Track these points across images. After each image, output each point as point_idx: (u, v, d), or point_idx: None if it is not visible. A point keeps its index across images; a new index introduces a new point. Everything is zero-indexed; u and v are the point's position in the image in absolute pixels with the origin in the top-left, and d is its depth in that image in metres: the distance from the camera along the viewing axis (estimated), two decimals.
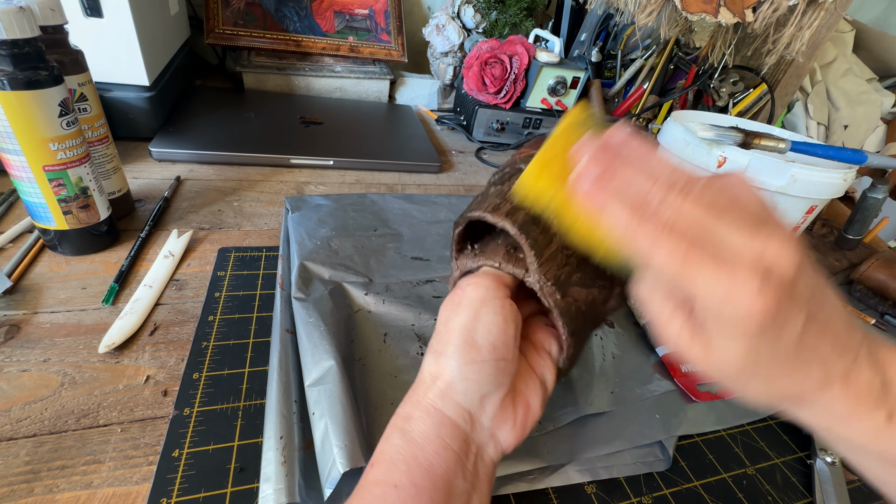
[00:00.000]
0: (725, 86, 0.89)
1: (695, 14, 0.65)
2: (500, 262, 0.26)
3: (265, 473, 0.27)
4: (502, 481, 0.31)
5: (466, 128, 0.82)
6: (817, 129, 0.92)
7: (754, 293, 0.16)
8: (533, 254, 0.25)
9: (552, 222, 0.23)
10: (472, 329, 0.24)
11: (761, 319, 0.17)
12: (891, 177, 0.81)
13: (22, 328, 0.35)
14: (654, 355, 0.42)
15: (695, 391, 0.39)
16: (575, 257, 0.26)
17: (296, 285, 0.40)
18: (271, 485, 0.26)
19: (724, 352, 0.19)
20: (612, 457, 0.33)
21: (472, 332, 0.24)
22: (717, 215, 0.17)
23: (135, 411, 0.31)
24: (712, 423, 0.37)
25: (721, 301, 0.17)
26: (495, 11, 0.90)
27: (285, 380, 0.33)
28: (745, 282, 0.16)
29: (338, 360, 0.32)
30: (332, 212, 0.52)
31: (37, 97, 0.34)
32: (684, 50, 0.91)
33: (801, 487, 0.35)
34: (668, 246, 0.17)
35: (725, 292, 0.17)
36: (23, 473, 0.27)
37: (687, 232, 0.17)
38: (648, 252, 0.18)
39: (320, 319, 0.36)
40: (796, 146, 0.52)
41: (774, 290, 0.16)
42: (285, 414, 0.30)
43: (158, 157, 0.58)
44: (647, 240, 0.18)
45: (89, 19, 0.53)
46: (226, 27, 0.79)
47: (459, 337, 0.24)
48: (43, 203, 0.38)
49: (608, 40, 0.95)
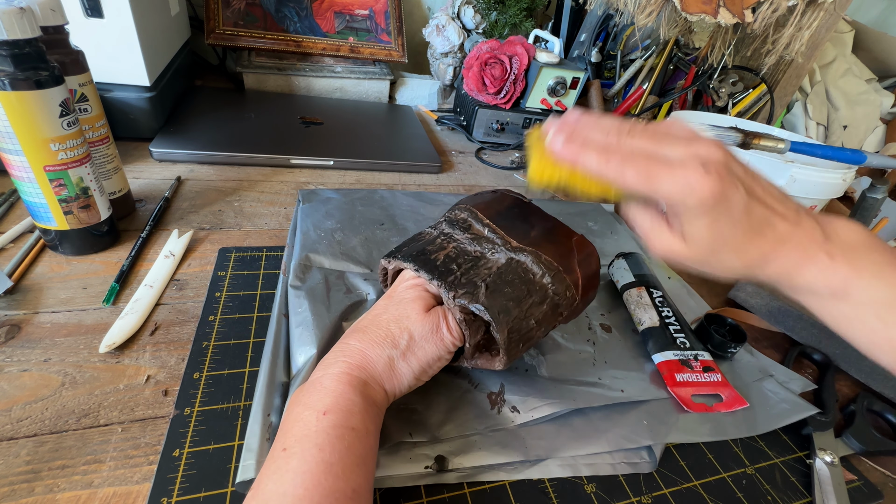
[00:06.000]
0: (725, 86, 0.89)
1: (694, 14, 0.65)
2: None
3: (248, 443, 0.28)
4: (481, 470, 0.31)
5: (466, 128, 0.82)
6: (816, 129, 0.92)
7: (701, 177, 0.23)
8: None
9: (562, 190, 0.29)
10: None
11: (712, 193, 0.23)
12: (890, 177, 0.81)
13: (23, 328, 0.35)
14: (649, 363, 0.41)
15: (689, 402, 0.37)
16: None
17: (294, 273, 0.41)
18: (253, 455, 0.28)
19: (696, 234, 0.25)
20: (596, 455, 0.33)
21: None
22: (661, 140, 0.24)
23: (135, 411, 0.31)
24: (706, 434, 0.36)
25: (681, 193, 0.23)
26: (495, 12, 0.90)
27: (275, 360, 0.34)
28: (692, 172, 0.23)
29: (319, 348, 0.34)
30: (340, 205, 0.53)
31: (38, 97, 0.34)
32: (684, 50, 0.91)
33: (800, 487, 0.35)
34: (633, 169, 0.24)
35: (682, 185, 0.23)
36: (23, 473, 0.27)
37: (642, 156, 0.24)
38: (621, 179, 0.24)
39: (310, 309, 0.38)
40: (795, 146, 0.52)
41: (714, 170, 0.23)
42: (271, 391, 0.32)
43: (159, 158, 0.58)
44: (617, 170, 0.24)
45: (90, 20, 0.53)
46: (226, 27, 0.79)
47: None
48: (44, 203, 0.38)
49: (608, 41, 0.95)
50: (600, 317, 0.46)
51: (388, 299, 0.32)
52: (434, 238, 0.34)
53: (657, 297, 0.45)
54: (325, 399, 0.26)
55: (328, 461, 0.23)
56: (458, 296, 0.30)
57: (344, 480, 0.23)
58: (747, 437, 0.37)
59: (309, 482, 0.22)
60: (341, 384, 0.27)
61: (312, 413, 0.25)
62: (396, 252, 0.34)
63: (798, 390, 0.41)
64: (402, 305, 0.31)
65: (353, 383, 0.27)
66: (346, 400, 0.26)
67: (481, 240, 0.33)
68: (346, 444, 0.24)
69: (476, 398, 0.35)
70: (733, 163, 0.24)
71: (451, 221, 0.35)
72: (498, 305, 0.30)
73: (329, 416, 0.25)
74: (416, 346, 0.29)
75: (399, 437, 0.31)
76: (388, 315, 0.31)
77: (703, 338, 0.44)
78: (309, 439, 0.24)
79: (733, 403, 0.38)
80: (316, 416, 0.25)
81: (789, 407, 0.39)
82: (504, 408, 0.34)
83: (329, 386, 0.27)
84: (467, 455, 0.31)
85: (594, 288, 0.36)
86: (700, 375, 0.40)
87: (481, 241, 0.33)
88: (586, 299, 0.35)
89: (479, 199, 0.37)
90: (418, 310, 0.30)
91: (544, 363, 0.39)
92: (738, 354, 0.44)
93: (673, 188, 0.23)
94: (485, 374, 0.37)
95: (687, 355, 0.41)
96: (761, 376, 0.42)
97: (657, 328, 0.42)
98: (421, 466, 0.30)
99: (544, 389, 0.36)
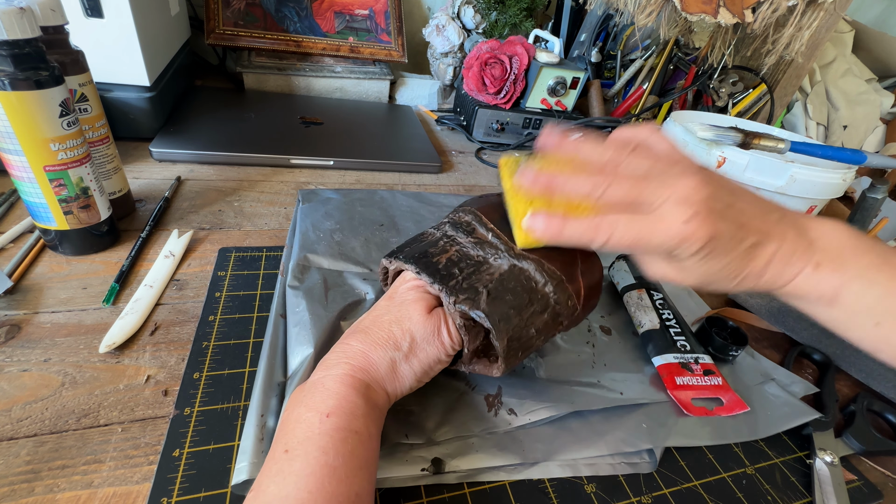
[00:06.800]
0: (725, 86, 0.89)
1: (694, 14, 0.65)
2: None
3: (243, 446, 0.28)
4: (479, 471, 0.31)
5: (466, 128, 0.82)
6: (816, 129, 0.92)
7: (687, 225, 0.24)
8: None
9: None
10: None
11: (700, 240, 0.24)
12: (890, 177, 0.81)
13: (23, 328, 0.35)
14: (649, 366, 0.41)
15: (689, 406, 0.37)
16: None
17: (292, 273, 0.41)
18: (247, 457, 0.28)
19: (690, 268, 0.26)
20: (597, 455, 0.33)
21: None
22: (639, 185, 0.25)
23: (135, 411, 0.31)
24: (706, 438, 0.36)
25: (670, 246, 0.25)
26: (495, 12, 0.90)
27: (272, 361, 0.34)
28: (678, 223, 0.24)
29: (317, 348, 0.34)
30: (340, 205, 0.53)
31: (38, 97, 0.34)
32: (684, 50, 0.91)
33: (800, 487, 0.35)
34: (621, 237, 0.25)
35: (671, 238, 0.24)
36: (23, 473, 0.27)
37: (627, 222, 0.25)
38: (613, 247, 0.25)
39: (307, 309, 0.37)
40: (795, 146, 0.52)
41: (700, 213, 0.24)
42: (268, 393, 0.31)
43: (159, 158, 0.58)
44: (606, 240, 0.25)
45: (90, 20, 0.53)
46: (226, 27, 0.79)
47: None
48: (44, 203, 0.38)
49: (608, 41, 0.95)
50: (600, 319, 0.46)
51: (390, 300, 0.32)
52: (437, 240, 0.34)
53: (658, 299, 0.45)
54: (328, 401, 0.26)
55: (332, 465, 0.23)
56: (458, 301, 0.29)
57: (347, 484, 0.23)
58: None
59: (312, 485, 0.22)
60: (344, 386, 0.27)
61: (315, 415, 0.25)
62: (398, 252, 0.33)
63: (800, 394, 0.41)
64: (404, 307, 0.30)
65: (356, 385, 0.27)
66: (350, 402, 0.26)
67: (484, 244, 0.33)
68: (349, 448, 0.24)
69: (473, 400, 0.35)
70: (715, 192, 0.25)
71: (455, 224, 0.35)
72: (499, 313, 0.29)
73: (332, 419, 0.25)
74: (417, 348, 0.29)
75: (395, 439, 0.31)
76: (390, 316, 0.30)
77: (704, 340, 0.43)
78: (312, 442, 0.24)
79: (734, 407, 0.38)
80: (319, 419, 0.25)
81: (790, 411, 0.39)
82: (501, 410, 0.34)
83: (332, 388, 0.26)
84: (464, 457, 0.31)
85: (596, 297, 0.35)
86: (700, 379, 0.39)
87: (484, 246, 0.33)
88: (587, 308, 0.35)
89: (484, 203, 0.36)
90: (420, 311, 0.30)
91: (542, 365, 0.39)
92: (740, 357, 0.44)
93: (662, 242, 0.24)
94: (482, 375, 0.37)
95: (687, 358, 0.40)
96: (763, 379, 0.42)
97: (657, 330, 0.42)
98: (417, 468, 0.30)
99: (542, 391, 0.36)
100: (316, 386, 0.27)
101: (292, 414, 0.26)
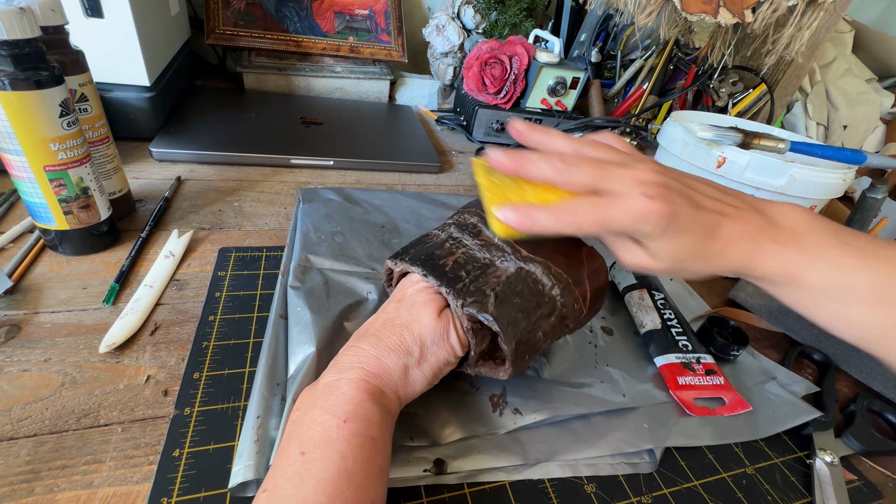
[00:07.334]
0: (725, 86, 0.89)
1: (694, 14, 0.65)
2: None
3: (240, 449, 0.28)
4: (481, 471, 0.31)
5: (466, 128, 0.82)
6: (816, 129, 0.92)
7: (646, 204, 0.25)
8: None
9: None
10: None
11: (661, 216, 0.25)
12: (890, 177, 0.81)
13: (23, 328, 0.35)
14: (651, 366, 0.41)
15: (691, 405, 0.37)
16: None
17: (293, 274, 0.41)
18: (243, 460, 0.27)
19: (660, 251, 0.27)
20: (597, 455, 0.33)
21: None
22: (601, 170, 0.26)
23: (135, 411, 0.31)
24: (707, 438, 0.36)
25: (633, 224, 0.25)
26: (495, 12, 0.90)
27: (272, 362, 0.34)
28: (637, 202, 0.25)
29: (318, 347, 0.34)
30: (340, 206, 0.53)
31: (37, 97, 0.34)
32: (684, 50, 0.91)
33: (800, 487, 0.35)
34: (584, 219, 0.26)
35: (632, 217, 0.25)
36: (23, 473, 0.27)
37: (589, 204, 0.26)
38: (579, 231, 0.26)
39: (308, 309, 0.37)
40: (795, 146, 0.52)
41: (656, 192, 0.25)
42: (266, 395, 0.31)
43: (159, 158, 0.58)
44: (571, 223, 0.26)
45: (90, 19, 0.53)
46: (226, 27, 0.79)
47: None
48: (43, 203, 0.38)
49: (608, 40, 0.95)
50: (601, 319, 0.46)
51: (399, 303, 0.31)
52: (442, 242, 0.34)
53: (659, 299, 0.45)
54: (344, 406, 0.25)
55: (351, 470, 0.23)
56: (466, 304, 0.29)
57: (364, 491, 0.23)
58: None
59: (331, 490, 0.22)
60: (360, 392, 0.26)
61: (332, 419, 0.25)
62: (404, 254, 0.33)
63: (801, 393, 0.41)
64: (414, 309, 0.30)
65: (371, 391, 0.27)
66: (366, 409, 0.26)
67: (491, 247, 0.33)
68: (367, 454, 0.24)
69: (477, 401, 0.35)
70: (668, 177, 0.26)
71: (461, 225, 0.35)
72: (507, 316, 0.29)
73: (350, 425, 0.24)
74: (428, 352, 0.29)
75: (400, 442, 0.31)
76: (401, 319, 0.30)
77: (706, 340, 0.43)
78: (331, 446, 0.23)
79: (736, 407, 0.38)
80: (336, 423, 0.24)
81: (792, 410, 0.39)
82: (506, 410, 0.34)
83: (348, 392, 0.26)
84: (466, 458, 0.31)
85: (601, 300, 0.35)
86: (702, 378, 0.39)
87: (490, 249, 0.33)
88: (593, 311, 0.35)
89: None
90: (430, 314, 0.30)
91: (546, 365, 0.39)
92: (741, 357, 0.44)
93: (625, 222, 0.25)
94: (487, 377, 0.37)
95: (689, 358, 0.40)
96: (764, 379, 0.42)
97: (659, 330, 0.42)
98: (419, 469, 0.30)
99: (546, 392, 0.36)
100: (331, 389, 0.27)
101: (306, 415, 0.26)
